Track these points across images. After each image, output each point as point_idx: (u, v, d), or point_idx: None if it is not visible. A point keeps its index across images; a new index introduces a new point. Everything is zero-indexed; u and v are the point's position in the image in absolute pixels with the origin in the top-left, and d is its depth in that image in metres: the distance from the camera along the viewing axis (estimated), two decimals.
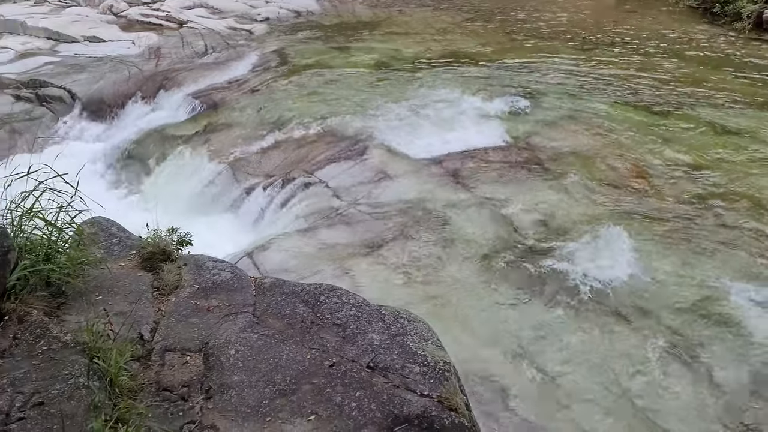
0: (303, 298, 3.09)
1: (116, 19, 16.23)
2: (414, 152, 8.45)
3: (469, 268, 5.96)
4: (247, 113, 10.00)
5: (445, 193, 7.34)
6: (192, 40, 14.38)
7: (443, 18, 16.46)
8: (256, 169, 8.64)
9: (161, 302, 3.14)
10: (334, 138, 8.95)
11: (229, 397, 2.48)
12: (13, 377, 2.48)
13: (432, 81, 10.96)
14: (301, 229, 7.04)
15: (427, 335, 2.83)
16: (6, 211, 3.21)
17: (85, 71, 12.51)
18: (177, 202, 8.53)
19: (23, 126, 11.05)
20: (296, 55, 12.96)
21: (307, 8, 17.34)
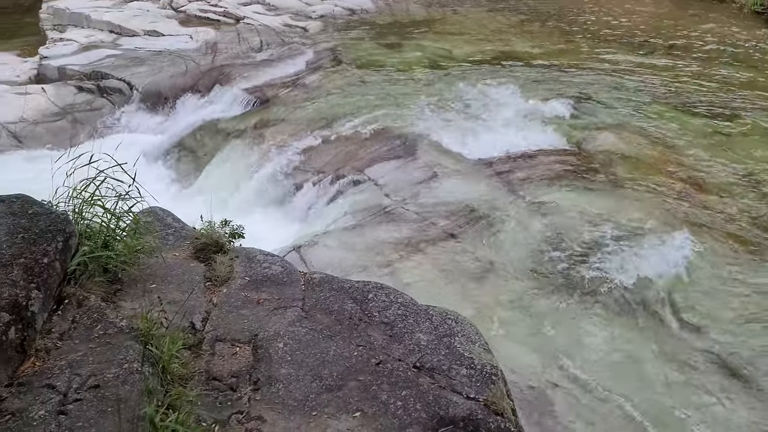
0: (351, 295, 3.11)
1: (175, 14, 16.57)
2: (464, 153, 8.41)
3: (515, 272, 5.90)
4: (299, 109, 10.09)
5: (494, 195, 7.28)
6: (248, 36, 14.58)
7: (498, 18, 16.31)
8: (306, 165, 8.72)
9: (213, 293, 3.20)
10: (384, 136, 8.96)
11: (276, 390, 2.51)
12: (71, 359, 2.56)
13: (484, 82, 10.88)
14: (348, 226, 7.08)
15: (474, 338, 2.81)
16: (69, 198, 3.32)
17: (144, 64, 12.81)
18: (228, 195, 8.68)
19: (84, 116, 11.40)
20: (349, 53, 13.03)
21: (361, 6, 17.39)
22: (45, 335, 2.70)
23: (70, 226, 3.13)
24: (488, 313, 5.31)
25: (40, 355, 2.60)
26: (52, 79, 12.73)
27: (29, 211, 3.05)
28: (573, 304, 5.46)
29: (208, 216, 3.83)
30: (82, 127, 11.19)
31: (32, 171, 9.42)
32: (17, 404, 2.33)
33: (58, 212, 3.13)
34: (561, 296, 5.54)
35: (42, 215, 3.04)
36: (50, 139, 10.78)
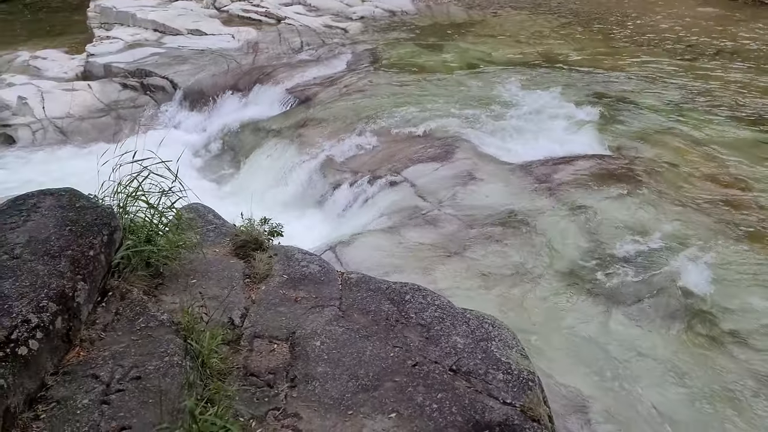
0: (388, 296, 3.12)
1: (218, 14, 16.82)
2: (502, 156, 8.35)
3: (553, 279, 5.83)
4: (338, 110, 10.14)
5: (533, 200, 7.21)
6: (289, 36, 14.72)
7: (539, 22, 16.17)
8: (343, 165, 8.76)
9: (252, 290, 3.24)
10: (422, 138, 8.95)
11: (313, 388, 2.53)
12: (115, 350, 2.63)
13: (524, 85, 10.79)
14: (384, 227, 7.08)
15: (511, 342, 2.80)
16: (114, 193, 3.40)
17: (187, 63, 13.03)
18: (266, 193, 8.77)
19: (128, 113, 11.64)
20: (389, 55, 13.06)
21: (402, 8, 17.42)
22: (89, 326, 2.77)
23: (115, 220, 3.20)
24: (524, 317, 5.26)
25: (84, 345, 2.66)
26: (98, 76, 13.03)
27: (77, 205, 3.13)
28: (611, 312, 5.37)
29: (248, 214, 3.87)
30: (126, 123, 11.43)
31: (77, 165, 9.65)
32: (62, 392, 2.39)
33: (104, 206, 3.21)
34: (599, 303, 5.46)
35: (89, 209, 3.11)
36: (95, 135, 11.04)
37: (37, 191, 3.24)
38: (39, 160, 10.23)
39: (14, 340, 2.33)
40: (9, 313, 2.41)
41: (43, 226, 2.93)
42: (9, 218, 2.99)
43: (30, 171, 9.73)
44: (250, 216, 3.81)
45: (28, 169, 9.86)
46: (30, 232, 2.88)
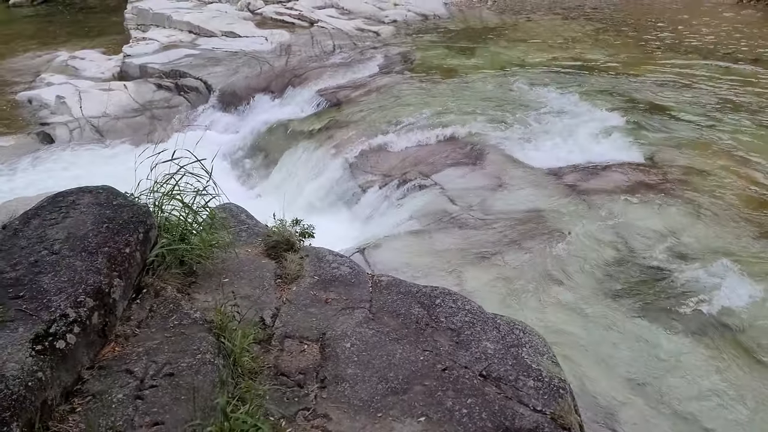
0: (418, 299, 3.12)
1: (252, 16, 17.01)
2: (533, 162, 8.29)
3: (583, 286, 5.77)
4: (369, 113, 10.18)
5: (563, 207, 7.14)
6: (321, 39, 14.81)
7: (572, 27, 16.04)
8: (373, 167, 8.78)
9: (283, 290, 3.27)
10: (452, 142, 8.94)
11: (342, 389, 2.54)
12: (148, 347, 2.67)
13: (556, 90, 10.71)
14: (413, 230, 7.08)
15: (542, 349, 2.77)
16: (150, 192, 3.46)
17: (220, 64, 13.19)
18: (296, 194, 8.83)
19: (162, 113, 11.83)
20: (421, 59, 13.06)
21: (434, 12, 17.42)
22: (124, 322, 2.81)
23: (151, 218, 3.25)
24: (553, 324, 5.21)
25: (119, 340, 2.71)
26: (133, 77, 13.28)
27: (113, 203, 3.19)
28: (642, 321, 5.29)
29: (280, 214, 3.90)
30: (160, 123, 11.62)
31: (113, 164, 9.84)
32: (98, 386, 2.44)
33: (140, 204, 3.26)
34: (630, 313, 5.39)
35: (125, 207, 3.17)
36: (129, 134, 11.24)
37: (75, 189, 3.31)
38: (76, 158, 10.44)
39: (53, 334, 2.38)
40: (48, 307, 2.47)
41: (82, 222, 2.99)
42: (49, 215, 3.06)
43: (67, 168, 9.94)
44: (282, 217, 3.84)
45: (66, 166, 10.08)
46: (69, 229, 2.94)
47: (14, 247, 2.84)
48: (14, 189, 8.72)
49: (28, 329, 2.35)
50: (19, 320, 2.40)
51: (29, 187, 8.60)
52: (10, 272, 2.66)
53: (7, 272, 2.66)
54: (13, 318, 2.41)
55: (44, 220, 3.02)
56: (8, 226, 3.02)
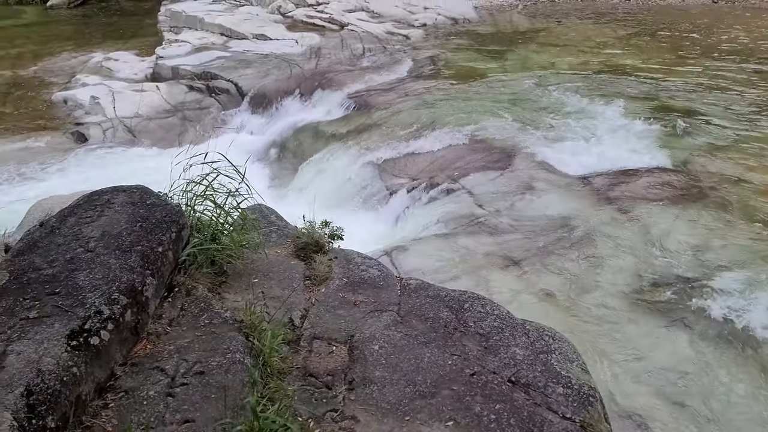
0: (447, 303, 3.11)
1: (283, 19, 17.15)
2: (562, 167, 8.21)
3: (612, 294, 5.70)
4: (397, 116, 10.19)
5: (593, 213, 7.07)
6: (351, 42, 14.88)
7: (604, 31, 15.89)
8: (401, 170, 8.79)
9: (312, 291, 3.29)
10: (481, 146, 8.91)
11: (370, 391, 2.54)
12: (179, 345, 2.70)
13: (587, 95, 10.62)
14: (440, 234, 7.07)
15: (572, 356, 2.75)
16: (183, 192, 3.51)
17: (251, 67, 13.32)
18: (324, 196, 8.86)
19: (193, 114, 11.98)
20: (450, 62, 13.05)
21: (464, 16, 17.39)
22: (156, 320, 2.85)
23: (183, 218, 3.30)
24: (582, 332, 5.16)
25: (151, 338, 2.75)
26: (165, 78, 13.47)
27: (147, 202, 3.24)
28: (673, 331, 5.21)
29: (310, 216, 3.93)
30: (191, 124, 11.77)
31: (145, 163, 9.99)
32: (130, 383, 2.48)
33: (173, 204, 3.31)
34: (660, 322, 5.30)
35: (158, 206, 3.22)
36: (161, 135, 11.40)
37: (110, 188, 3.37)
38: (108, 157, 10.62)
39: (87, 330, 2.42)
40: (83, 304, 2.51)
41: (116, 221, 3.05)
42: (84, 213, 3.12)
43: (100, 168, 10.11)
44: (312, 218, 3.86)
45: (99, 165, 10.25)
46: (103, 227, 2.99)
47: (51, 244, 2.90)
48: (49, 187, 8.89)
49: (64, 325, 2.40)
50: (55, 316, 2.45)
51: (64, 186, 8.76)
52: (47, 269, 2.72)
53: (44, 269, 2.72)
54: (49, 314, 2.46)
55: (80, 218, 3.08)
56: (45, 223, 3.09)
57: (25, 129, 11.54)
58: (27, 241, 2.97)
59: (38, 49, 17.54)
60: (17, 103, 12.98)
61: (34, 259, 2.79)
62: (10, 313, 2.46)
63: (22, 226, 4.47)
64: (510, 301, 5.45)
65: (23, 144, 10.96)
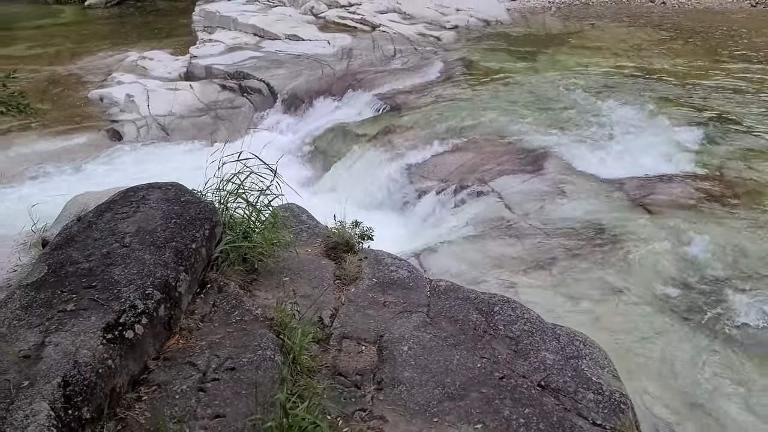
0: (477, 306, 3.10)
1: (315, 20, 17.23)
2: (593, 171, 8.13)
3: (642, 300, 5.62)
4: (427, 118, 10.17)
5: (624, 218, 6.98)
6: (382, 43, 14.90)
7: (639, 35, 15.67)
8: (431, 172, 8.77)
9: (342, 291, 3.30)
10: (511, 149, 8.86)
11: (399, 392, 2.55)
12: (211, 341, 2.74)
13: (619, 99, 10.48)
14: (469, 236, 7.04)
15: (603, 362, 2.72)
16: (217, 189, 3.55)
17: (283, 67, 13.41)
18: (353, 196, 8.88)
19: (226, 113, 12.11)
20: (481, 65, 12.99)
21: (496, 18, 17.30)
22: (189, 316, 2.90)
23: (217, 215, 3.34)
24: (612, 338, 5.09)
25: (183, 333, 2.79)
26: (199, 77, 13.63)
27: (182, 199, 3.29)
28: (706, 340, 5.12)
29: (340, 216, 3.95)
30: (223, 123, 11.89)
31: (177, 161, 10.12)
32: (162, 377, 2.52)
33: (206, 202, 3.36)
34: (694, 331, 5.21)
35: (192, 203, 3.26)
36: (194, 133, 11.54)
37: (146, 184, 3.42)
38: (142, 154, 10.78)
39: (122, 324, 2.47)
40: (118, 298, 2.56)
41: (151, 217, 3.10)
42: (121, 209, 3.18)
43: (134, 165, 10.27)
44: (343, 218, 3.88)
45: (133, 162, 10.41)
46: (139, 223, 3.05)
47: (88, 238, 2.96)
48: (85, 183, 9.06)
49: (100, 318, 2.44)
50: (91, 309, 2.50)
51: (98, 182, 8.93)
52: (84, 263, 2.77)
53: (81, 262, 2.78)
54: (86, 307, 2.51)
55: (116, 213, 3.14)
56: (83, 218, 3.15)
57: (62, 126, 11.77)
58: (65, 235, 3.03)
59: (76, 47, 17.89)
60: (55, 100, 13.25)
61: (72, 253, 2.85)
62: (48, 305, 2.52)
63: (59, 220, 4.56)
64: (538, 305, 5.38)
65: (60, 141, 11.19)
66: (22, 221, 4.54)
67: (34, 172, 10.12)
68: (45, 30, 20.69)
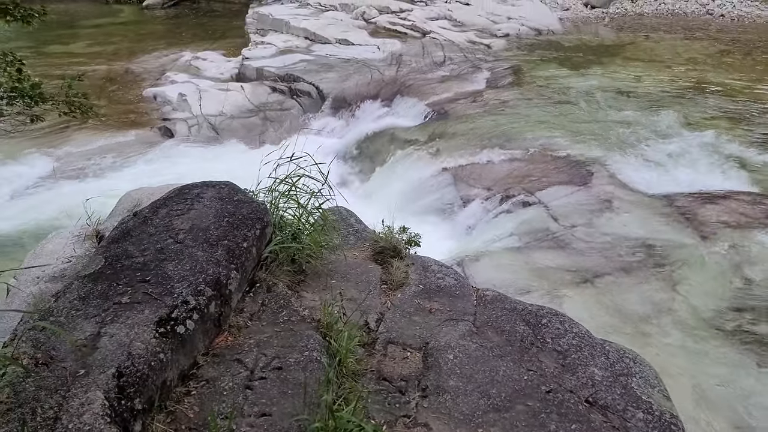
0: (524, 317, 3.07)
1: (366, 25, 17.33)
2: (643, 186, 7.97)
3: (691, 319, 5.48)
4: (475, 126, 10.13)
5: (674, 235, 6.82)
6: (432, 50, 14.90)
7: (694, 47, 15.33)
8: (476, 180, 8.72)
9: (388, 296, 3.31)
10: (559, 160, 8.75)
11: (444, 400, 2.53)
12: (259, 339, 2.77)
13: (672, 113, 10.27)
14: (513, 246, 6.98)
15: (653, 381, 2.66)
16: (270, 190, 3.59)
17: (332, 70, 13.53)
18: (397, 202, 8.88)
19: (275, 115, 12.27)
20: (531, 74, 12.88)
21: (548, 27, 17.13)
22: (238, 314, 2.93)
23: (268, 216, 3.38)
24: (660, 357, 4.97)
25: (232, 331, 2.83)
26: (250, 79, 13.85)
27: (234, 198, 3.34)
28: (756, 362, 4.96)
29: (388, 221, 3.95)
30: (272, 124, 12.05)
31: (225, 160, 10.29)
32: (211, 373, 2.55)
33: (258, 202, 3.40)
34: (747, 353, 5.06)
35: (245, 203, 3.31)
36: (243, 134, 11.73)
37: (200, 182, 3.49)
38: (192, 152, 11.00)
39: (174, 319, 2.51)
40: (171, 293, 2.61)
41: (204, 215, 3.15)
42: (175, 205, 3.24)
43: (184, 162, 10.48)
44: (390, 224, 3.89)
45: (183, 160, 10.63)
46: (193, 220, 3.10)
47: (143, 233, 3.03)
48: (137, 179, 9.28)
49: (153, 312, 2.50)
50: (145, 303, 2.55)
51: (150, 178, 9.14)
52: (138, 257, 2.84)
53: (136, 257, 2.84)
54: (140, 300, 2.57)
55: (171, 210, 3.21)
56: (139, 213, 3.23)
57: (117, 122, 12.10)
58: (121, 229, 3.11)
59: (132, 46, 18.38)
60: (111, 97, 13.63)
61: (128, 247, 2.92)
62: (104, 296, 2.58)
63: (113, 214, 4.68)
64: (583, 320, 5.30)
65: (114, 137, 11.51)
66: (77, 214, 4.67)
67: (89, 166, 10.42)
68: (104, 29, 21.32)
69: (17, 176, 10.04)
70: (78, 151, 10.93)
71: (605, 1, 19.92)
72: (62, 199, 9.10)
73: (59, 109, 5.56)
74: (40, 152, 10.78)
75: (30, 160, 10.57)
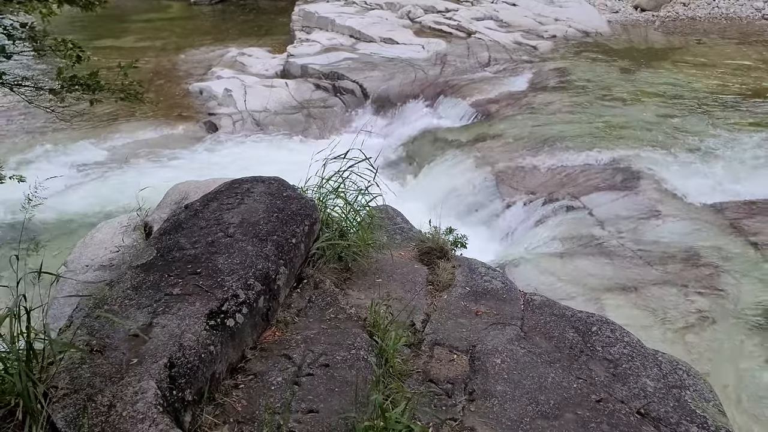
0: (573, 324, 3.01)
1: (411, 24, 17.27)
2: (692, 194, 7.79)
3: (745, 332, 5.33)
4: (519, 128, 10.02)
5: (723, 245, 6.65)
6: (477, 50, 14.78)
7: (748, 53, 14.90)
8: (519, 183, 8.63)
9: (434, 297, 3.28)
10: (604, 165, 8.60)
11: (491, 405, 2.50)
12: (306, 336, 2.77)
13: (723, 120, 10.01)
14: (555, 251, 6.89)
15: (708, 395, 2.58)
16: (317, 187, 3.60)
17: (376, 69, 13.52)
18: (439, 202, 8.84)
19: (318, 112, 12.33)
20: (577, 77, 12.68)
21: (596, 29, 16.84)
22: (285, 309, 2.94)
23: (316, 212, 3.39)
24: (710, 369, 4.85)
25: (279, 326, 2.84)
26: (294, 76, 13.94)
27: (284, 194, 3.35)
28: None
29: (435, 221, 3.93)
30: (315, 121, 12.11)
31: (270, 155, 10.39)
32: (259, 367, 2.57)
33: (307, 198, 3.41)
34: None
35: (294, 199, 3.32)
36: (286, 130, 11.82)
37: (250, 177, 3.51)
38: (236, 147, 11.13)
39: (224, 312, 2.53)
40: (221, 286, 2.63)
41: (254, 210, 3.17)
42: (226, 199, 3.27)
43: (228, 157, 10.61)
44: (438, 224, 3.86)
45: (227, 154, 10.76)
46: (243, 215, 3.13)
47: (194, 226, 3.06)
48: (183, 171, 9.43)
49: (204, 304, 2.52)
50: (196, 295, 2.58)
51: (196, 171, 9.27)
52: (189, 249, 2.87)
53: (188, 249, 2.87)
54: (191, 292, 2.59)
55: (221, 204, 3.24)
56: (190, 206, 3.27)
57: (163, 116, 12.31)
58: (173, 221, 3.15)
59: (180, 41, 18.69)
60: (158, 90, 13.86)
61: (179, 239, 2.95)
62: (156, 287, 2.62)
63: (161, 206, 4.75)
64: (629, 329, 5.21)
65: (161, 130, 11.71)
66: (124, 204, 4.76)
67: (136, 158, 10.62)
68: (153, 24, 21.72)
69: (69, 166, 10.30)
70: (125, 143, 11.16)
71: (656, 4, 19.49)
72: (111, 189, 9.30)
73: (115, 95, 5.71)
74: (90, 143, 11.04)
75: (81, 150, 10.82)
